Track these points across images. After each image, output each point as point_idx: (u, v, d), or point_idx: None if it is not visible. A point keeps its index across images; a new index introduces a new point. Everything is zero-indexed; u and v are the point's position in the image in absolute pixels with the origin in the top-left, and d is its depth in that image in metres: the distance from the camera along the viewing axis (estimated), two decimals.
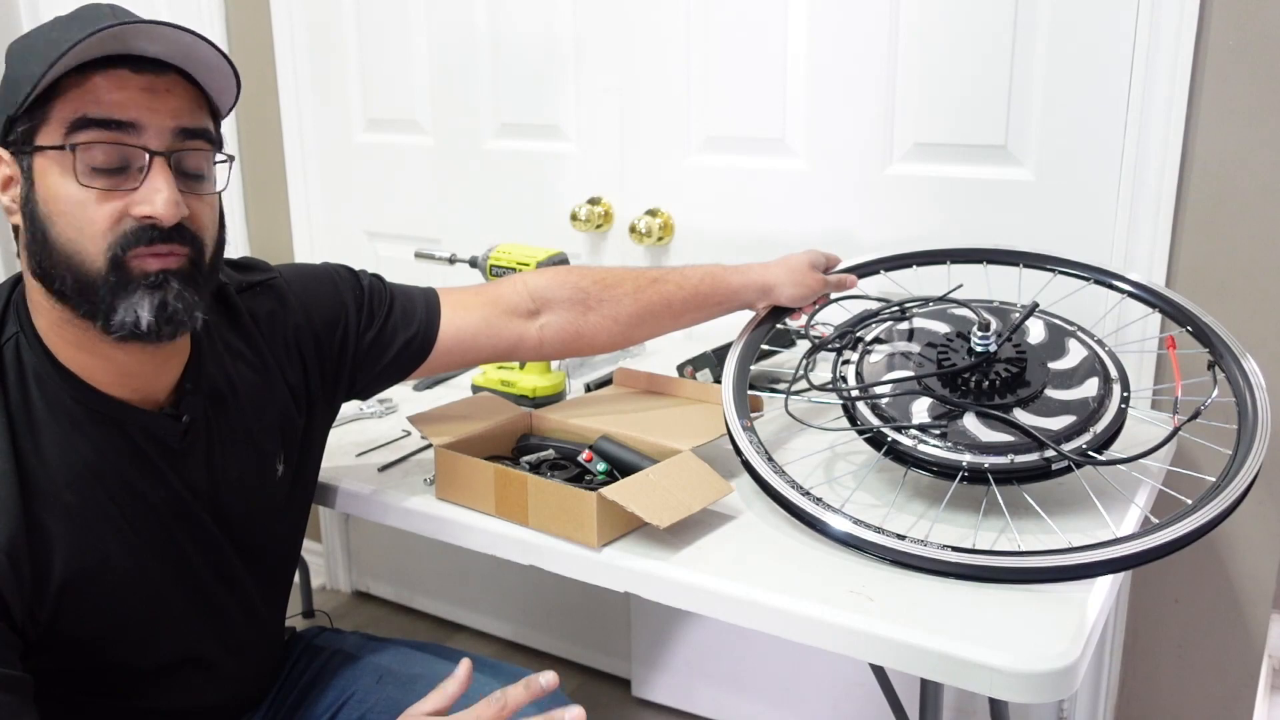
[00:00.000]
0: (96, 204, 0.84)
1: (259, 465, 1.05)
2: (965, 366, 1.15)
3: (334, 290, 1.13)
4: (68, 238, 0.84)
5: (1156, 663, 1.55)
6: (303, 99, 2.14)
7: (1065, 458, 1.06)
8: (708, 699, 1.94)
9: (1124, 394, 1.14)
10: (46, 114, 0.84)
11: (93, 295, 0.85)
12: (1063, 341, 1.22)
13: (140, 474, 0.93)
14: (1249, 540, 1.44)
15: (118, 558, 0.92)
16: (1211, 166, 1.36)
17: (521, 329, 1.20)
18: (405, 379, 1.19)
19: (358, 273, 1.17)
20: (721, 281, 1.26)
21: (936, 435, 1.10)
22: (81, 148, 0.83)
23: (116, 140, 0.84)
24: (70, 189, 0.84)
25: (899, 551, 0.98)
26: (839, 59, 1.57)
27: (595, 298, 1.21)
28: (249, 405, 1.03)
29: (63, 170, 0.84)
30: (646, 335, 1.27)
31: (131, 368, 0.92)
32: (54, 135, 0.84)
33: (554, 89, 1.83)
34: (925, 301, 1.31)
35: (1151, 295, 1.30)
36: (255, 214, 2.29)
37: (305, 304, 1.10)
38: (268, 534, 1.07)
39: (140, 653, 0.97)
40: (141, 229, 0.85)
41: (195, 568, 0.99)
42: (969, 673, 0.85)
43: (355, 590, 2.46)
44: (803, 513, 1.04)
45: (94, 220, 0.84)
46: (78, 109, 0.83)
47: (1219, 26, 1.32)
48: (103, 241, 0.84)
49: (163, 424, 0.95)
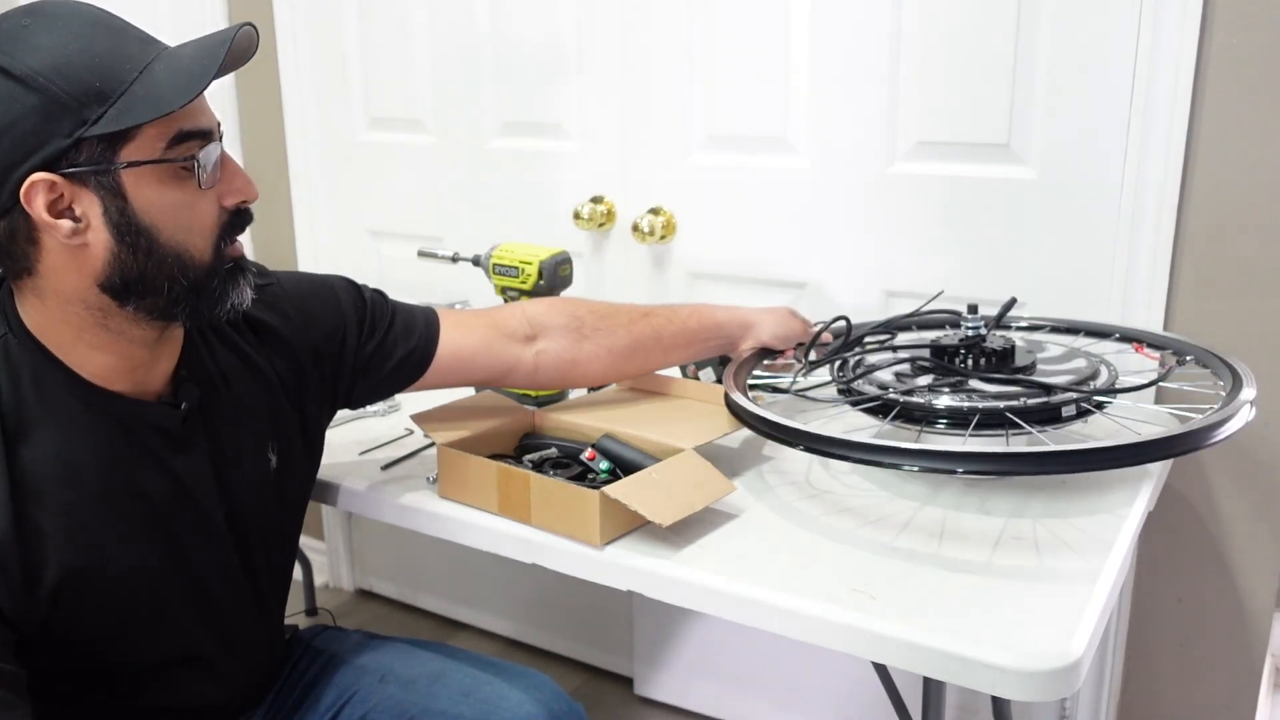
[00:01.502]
0: (203, 203, 0.90)
1: (255, 453, 1.06)
2: (960, 343, 1.21)
3: (334, 300, 1.14)
4: (178, 240, 0.89)
5: (1159, 662, 1.55)
6: (305, 98, 2.14)
7: (1073, 391, 1.11)
8: (710, 697, 1.94)
9: (1111, 371, 1.20)
10: (128, 132, 0.85)
11: (206, 289, 0.91)
12: (1042, 343, 1.31)
13: (141, 467, 0.94)
14: (1251, 540, 1.44)
15: (117, 554, 0.92)
16: (1215, 165, 1.35)
17: (519, 353, 1.21)
18: (400, 392, 1.20)
19: (359, 286, 1.18)
20: (708, 316, 1.32)
21: (946, 392, 1.14)
22: (188, 156, 0.88)
23: (204, 145, 0.89)
24: (175, 195, 0.88)
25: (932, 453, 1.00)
26: (842, 57, 1.56)
27: (591, 327, 1.24)
28: (240, 394, 1.05)
29: (162, 179, 0.87)
30: (636, 369, 1.30)
31: (137, 359, 0.93)
32: (149, 149, 0.86)
33: (556, 87, 1.83)
34: (912, 314, 1.39)
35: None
36: (258, 212, 2.28)
37: (303, 311, 1.11)
38: (266, 528, 1.08)
39: (140, 650, 0.97)
40: (238, 215, 0.94)
41: (195, 564, 1.00)
42: (971, 671, 0.85)
43: (358, 588, 2.46)
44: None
45: (204, 216, 0.90)
46: (172, 125, 0.86)
47: (1222, 23, 1.31)
48: (211, 236, 0.91)
49: (162, 412, 0.96)
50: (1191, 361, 1.22)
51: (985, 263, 1.52)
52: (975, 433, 1.08)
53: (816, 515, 1.10)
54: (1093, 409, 1.13)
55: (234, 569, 1.04)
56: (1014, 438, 1.08)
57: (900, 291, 1.59)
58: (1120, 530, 1.04)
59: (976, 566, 0.98)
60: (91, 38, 0.85)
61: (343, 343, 1.13)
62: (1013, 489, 1.13)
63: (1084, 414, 1.12)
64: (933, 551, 1.01)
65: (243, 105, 2.22)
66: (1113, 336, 1.33)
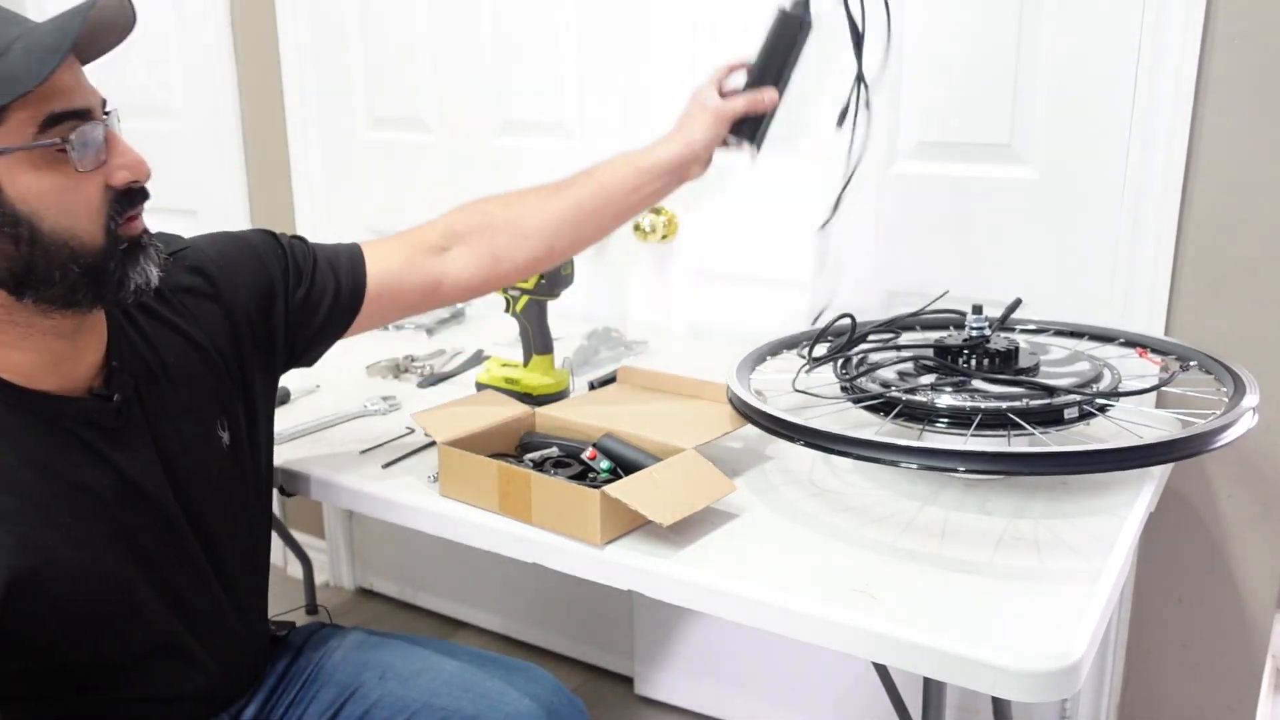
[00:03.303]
0: (86, 185, 0.86)
1: (203, 434, 1.04)
2: (963, 343, 1.21)
3: (255, 255, 1.11)
4: (63, 226, 0.85)
5: (1159, 662, 1.54)
6: (307, 96, 2.14)
7: (1076, 394, 1.11)
8: (710, 697, 1.94)
9: (1115, 375, 1.20)
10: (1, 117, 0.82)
11: (103, 273, 0.87)
12: (1046, 345, 1.30)
13: (79, 464, 0.92)
14: (1252, 540, 1.44)
15: (68, 555, 0.90)
16: (1217, 167, 1.35)
17: (441, 266, 1.19)
18: (343, 335, 1.17)
19: (277, 235, 1.16)
20: (629, 166, 1.21)
21: (949, 391, 1.14)
22: (61, 138, 0.84)
23: (81, 125, 0.85)
24: (52, 180, 0.84)
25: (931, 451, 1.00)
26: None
27: (501, 218, 1.19)
28: (181, 375, 1.02)
29: (37, 165, 0.83)
30: (568, 244, 1.22)
31: (58, 352, 0.91)
32: (18, 135, 0.83)
33: (557, 86, 1.83)
34: (916, 313, 1.38)
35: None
36: (259, 211, 2.30)
37: (226, 272, 1.09)
38: (224, 512, 1.06)
39: (108, 645, 0.96)
40: (128, 193, 0.88)
41: (154, 556, 0.98)
42: (972, 671, 0.85)
43: (359, 587, 2.46)
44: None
45: (88, 200, 0.86)
46: (42, 106, 0.83)
47: (1225, 24, 1.31)
48: (99, 219, 0.87)
49: (94, 406, 0.94)
50: (1195, 367, 1.22)
51: (986, 263, 1.52)
52: (977, 433, 1.08)
53: (817, 515, 1.10)
54: (1095, 411, 1.13)
55: (195, 556, 1.02)
56: (1016, 438, 1.08)
57: (901, 291, 1.59)
58: (1121, 531, 1.04)
59: (978, 567, 0.98)
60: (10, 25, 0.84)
61: (272, 296, 1.10)
62: (1014, 489, 1.13)
63: (1086, 416, 1.12)
64: (934, 551, 1.01)
65: (244, 104, 2.22)
66: (1117, 341, 1.33)
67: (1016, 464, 0.99)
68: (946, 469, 0.99)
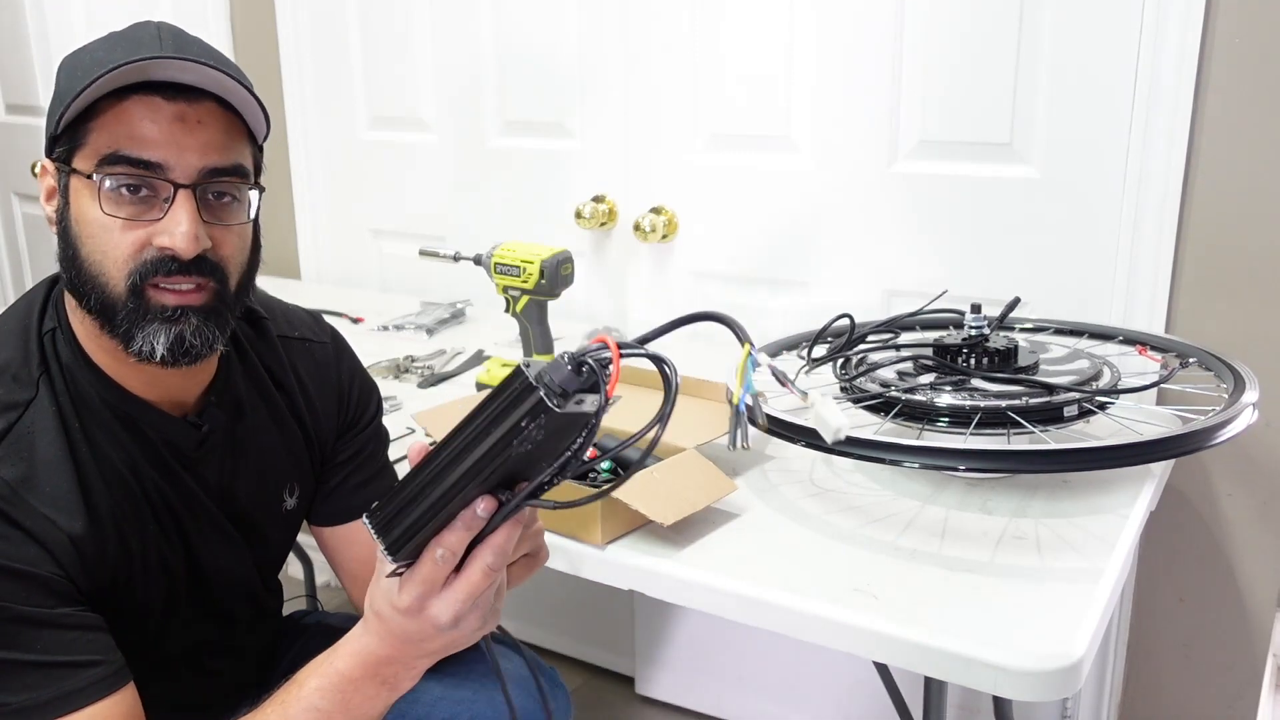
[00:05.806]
0: (120, 232, 0.86)
1: (272, 490, 1.06)
2: (963, 342, 1.21)
3: (372, 399, 1.15)
4: (94, 260, 0.87)
5: (1161, 661, 1.54)
6: (307, 96, 2.14)
7: (1076, 391, 1.10)
8: (711, 696, 1.94)
9: (1114, 373, 1.19)
10: (84, 138, 0.86)
11: (113, 317, 0.88)
12: (1045, 344, 1.29)
13: (159, 474, 0.95)
14: (1253, 539, 1.44)
15: (138, 552, 0.93)
16: (1217, 165, 1.35)
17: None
18: (306, 514, 1.14)
19: (381, 408, 1.18)
20: (329, 670, 0.82)
21: (948, 390, 1.14)
22: (110, 178, 0.85)
23: (143, 176, 0.85)
24: (97, 214, 0.86)
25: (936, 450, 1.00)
26: (844, 57, 1.56)
27: None
28: (263, 427, 1.04)
29: (91, 195, 0.86)
30: None
31: (159, 378, 0.93)
32: (87, 162, 0.86)
33: (558, 86, 1.83)
34: (915, 313, 1.37)
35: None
36: (261, 211, 2.29)
37: (357, 388, 1.12)
38: (270, 541, 1.08)
39: (150, 645, 0.97)
40: (161, 259, 0.87)
41: (205, 565, 1.00)
42: (973, 671, 0.85)
43: None
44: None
45: (118, 246, 0.86)
46: (111, 143, 0.85)
47: (1225, 23, 1.31)
48: (125, 268, 0.86)
49: (183, 431, 0.96)
50: (1195, 364, 1.22)
51: (986, 262, 1.52)
52: (977, 431, 1.08)
53: (818, 515, 1.10)
54: (1095, 409, 1.13)
55: (245, 569, 1.05)
56: (1015, 437, 1.08)
57: (901, 291, 1.59)
58: (1122, 530, 1.04)
59: (978, 566, 0.98)
60: (112, 44, 0.87)
61: (350, 431, 1.13)
62: (1014, 488, 1.13)
63: (1086, 414, 1.12)
64: (935, 551, 1.01)
65: None
66: (1116, 339, 1.33)
67: (1016, 462, 0.99)
68: (947, 468, 0.98)
